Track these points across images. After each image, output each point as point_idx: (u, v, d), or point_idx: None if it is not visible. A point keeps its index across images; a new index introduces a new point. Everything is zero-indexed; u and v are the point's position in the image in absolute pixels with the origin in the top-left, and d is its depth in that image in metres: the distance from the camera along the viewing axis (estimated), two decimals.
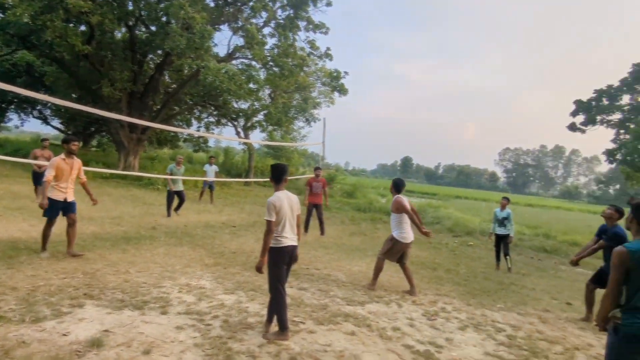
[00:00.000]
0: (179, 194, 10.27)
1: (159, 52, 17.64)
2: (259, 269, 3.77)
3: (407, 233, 5.65)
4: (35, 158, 9.15)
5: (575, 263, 5.56)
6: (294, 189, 20.65)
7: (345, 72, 19.97)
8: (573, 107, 15.54)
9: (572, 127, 15.69)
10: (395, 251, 5.68)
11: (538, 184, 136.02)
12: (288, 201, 3.80)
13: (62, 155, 5.68)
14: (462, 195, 45.35)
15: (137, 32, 17.42)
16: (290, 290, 5.26)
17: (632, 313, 2.49)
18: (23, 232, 6.67)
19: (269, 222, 3.65)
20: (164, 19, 15.56)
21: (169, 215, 9.94)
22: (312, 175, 9.89)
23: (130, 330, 3.61)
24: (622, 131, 14.84)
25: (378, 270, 5.75)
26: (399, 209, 5.62)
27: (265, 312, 4.02)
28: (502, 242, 8.13)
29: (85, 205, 10.16)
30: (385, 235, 10.93)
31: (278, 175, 3.86)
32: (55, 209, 5.56)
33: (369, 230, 11.69)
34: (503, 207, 8.18)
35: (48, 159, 9.93)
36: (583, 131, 15.57)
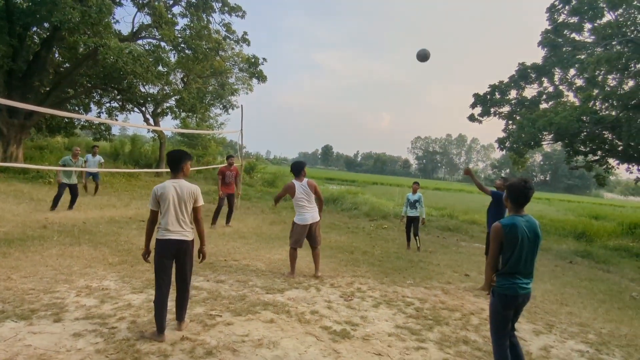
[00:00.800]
0: (72, 188, 9.40)
1: (46, 25, 15.35)
2: (143, 257, 3.61)
3: (302, 215, 5.75)
4: None
5: (467, 172, 6.39)
6: (211, 178, 19.82)
7: (264, 59, 19.54)
8: (472, 99, 17.19)
9: (472, 118, 17.37)
10: (297, 236, 5.75)
11: (445, 169, 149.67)
12: (177, 190, 3.48)
13: None
14: (378, 181, 47.97)
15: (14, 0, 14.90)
16: (207, 283, 5.03)
17: (504, 277, 2.96)
18: None
19: (150, 211, 3.49)
20: None
21: (52, 208, 9.01)
22: (225, 164, 9.52)
23: (13, 344, 3.12)
24: (510, 122, 16.86)
25: (292, 259, 5.81)
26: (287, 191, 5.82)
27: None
28: (412, 224, 8.71)
29: None
30: None
31: (174, 164, 3.55)
32: None
33: (289, 219, 11.63)
34: (414, 191, 8.75)
35: None
36: (480, 122, 17.35)
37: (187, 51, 16.48)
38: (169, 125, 27.77)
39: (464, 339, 4.02)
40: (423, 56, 7.02)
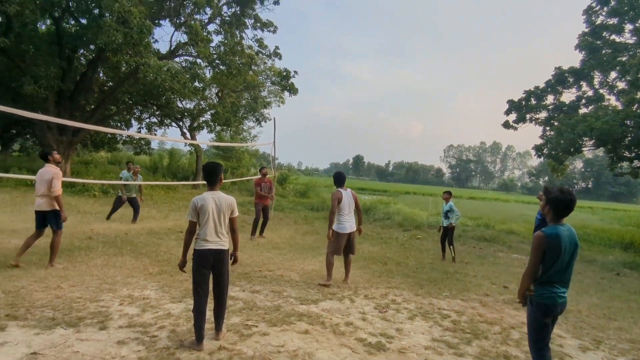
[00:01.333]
0: (132, 202, 10.03)
1: (92, 47, 16.40)
2: (180, 267, 3.71)
3: (342, 224, 5.84)
4: None
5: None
6: (245, 190, 20.25)
7: (295, 72, 19.87)
8: (507, 106, 16.70)
9: (506, 125, 16.85)
10: (338, 244, 5.83)
11: (479, 178, 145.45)
12: (216, 202, 3.57)
13: None
14: (410, 191, 47.27)
15: (65, 24, 16.05)
16: (243, 293, 5.10)
17: (543, 286, 2.92)
18: None
19: (189, 222, 3.57)
20: (96, 11, 14.48)
21: (108, 217, 9.82)
22: (259, 176, 9.74)
23: (63, 350, 3.28)
24: (547, 128, 16.21)
25: (329, 265, 5.86)
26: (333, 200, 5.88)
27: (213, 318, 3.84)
28: (447, 234, 8.52)
29: (7, 216, 9.25)
30: None
31: (212, 176, 3.65)
32: None
33: (323, 229, 11.70)
34: (446, 201, 8.61)
35: None
36: (515, 128, 16.79)
37: (221, 67, 17.06)
38: (204, 139, 28.73)
39: (505, 354, 3.85)
40: None
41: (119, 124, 20.67)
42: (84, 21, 15.60)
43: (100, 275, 5.40)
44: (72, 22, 16.36)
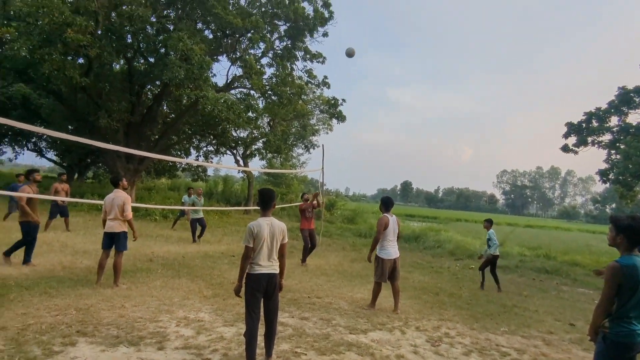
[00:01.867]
0: (200, 221, 11.48)
1: (157, 83, 17.92)
2: (235, 292, 3.78)
3: (386, 249, 5.93)
4: (57, 192, 10.29)
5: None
6: (294, 215, 20.56)
7: (343, 100, 20.32)
8: (565, 129, 15.77)
9: (565, 149, 15.87)
10: (383, 270, 5.87)
11: (536, 205, 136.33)
12: (269, 228, 3.68)
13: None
14: (462, 218, 45.31)
15: (135, 63, 17.75)
16: (292, 320, 5.13)
17: (619, 322, 2.67)
18: (15, 269, 6.53)
19: (245, 247, 3.65)
20: (162, 50, 15.88)
21: (194, 240, 11.29)
22: (301, 202, 9.91)
23: None
24: (613, 151, 15.03)
25: (375, 293, 5.98)
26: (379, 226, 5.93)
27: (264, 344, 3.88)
28: (489, 263, 8.27)
29: (80, 238, 10.08)
30: None
31: (267, 202, 3.78)
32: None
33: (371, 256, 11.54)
34: (487, 229, 8.41)
35: (67, 193, 10.60)
36: (576, 152, 15.75)
37: (273, 97, 17.86)
38: (256, 166, 29.80)
39: None
40: (349, 54, 8.87)
41: (179, 153, 22.14)
42: (151, 60, 17.16)
43: (159, 296, 5.69)
44: (142, 61, 18.06)
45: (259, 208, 3.85)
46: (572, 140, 15.70)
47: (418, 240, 14.76)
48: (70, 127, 21.84)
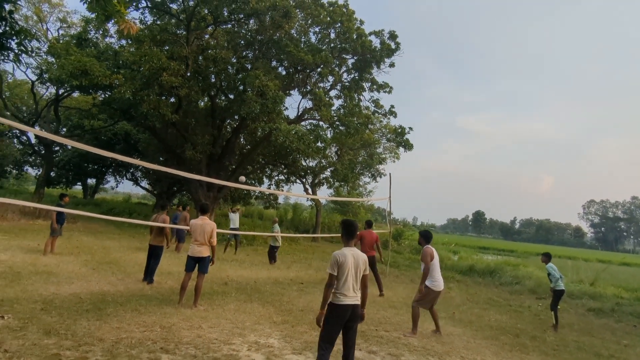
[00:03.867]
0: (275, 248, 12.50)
1: (236, 117, 19.42)
2: (318, 322, 3.76)
3: (438, 281, 6.13)
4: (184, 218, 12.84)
5: None
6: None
7: (410, 128, 20.12)
8: None
9: None
10: (428, 299, 6.12)
11: (633, 239, 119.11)
12: (353, 259, 3.72)
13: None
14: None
15: (217, 100, 19.49)
16: (359, 353, 5.04)
17: None
18: (112, 286, 7.29)
19: (330, 276, 3.68)
20: (241, 87, 17.29)
21: (271, 262, 12.26)
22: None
23: None
24: None
25: (416, 317, 6.12)
26: (425, 258, 6.20)
27: None
28: (556, 298, 7.78)
29: (165, 260, 10.99)
30: (459, 296, 10.21)
31: (350, 232, 3.85)
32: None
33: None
34: (545, 264, 8.06)
35: (186, 220, 12.54)
36: None
37: (341, 127, 18.30)
38: (324, 194, 30.36)
39: None
40: None
41: (253, 182, 23.47)
42: (231, 96, 18.74)
43: (233, 319, 5.96)
44: (223, 97, 19.79)
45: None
46: None
47: (493, 275, 13.69)
48: (161, 158, 24.41)
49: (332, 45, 18.55)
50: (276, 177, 23.73)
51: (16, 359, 3.76)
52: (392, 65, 19.09)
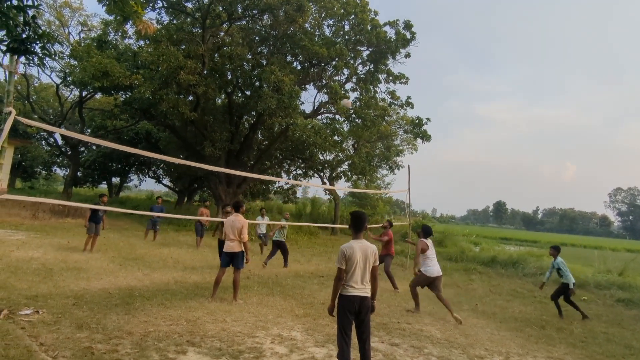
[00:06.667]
0: (282, 245, 10.99)
1: (253, 113, 19.57)
2: (329, 311, 3.87)
3: (431, 268, 6.95)
4: (201, 214, 12.62)
5: None
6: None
7: (427, 119, 19.85)
8: None
9: None
10: (421, 281, 7.03)
11: None
12: (362, 251, 3.73)
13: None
14: (568, 242, 39.99)
15: (234, 97, 19.67)
16: (382, 345, 5.06)
17: None
18: (138, 281, 7.50)
19: (338, 269, 3.73)
20: (257, 83, 17.40)
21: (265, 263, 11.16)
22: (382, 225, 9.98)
23: None
24: None
25: (415, 296, 7.04)
26: (422, 249, 7.17)
27: None
28: (561, 291, 7.77)
29: (189, 255, 11.22)
30: (482, 288, 10.08)
31: (358, 224, 3.84)
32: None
33: (463, 282, 10.86)
34: (554, 257, 7.95)
35: (207, 215, 12.47)
36: None
37: (357, 120, 18.22)
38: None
39: None
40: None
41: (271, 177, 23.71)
42: (248, 93, 18.88)
43: (256, 312, 6.07)
44: (240, 94, 19.96)
45: (347, 228, 3.95)
46: None
47: (516, 266, 13.40)
48: (181, 156, 24.84)
49: (346, 37, 18.42)
50: (294, 172, 23.87)
51: (51, 352, 3.94)
52: (407, 55, 18.82)
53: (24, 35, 4.37)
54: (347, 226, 4.08)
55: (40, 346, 4.03)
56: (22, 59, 4.65)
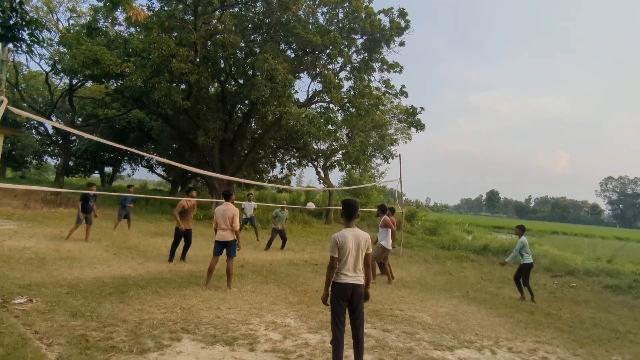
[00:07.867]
0: (282, 233, 11.88)
1: (246, 102, 19.42)
2: (323, 300, 3.92)
3: (389, 241, 8.34)
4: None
5: None
6: (374, 226, 20.46)
7: (422, 108, 19.87)
8: None
9: None
10: (383, 256, 8.17)
11: None
12: (354, 239, 3.76)
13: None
14: (559, 230, 40.60)
15: (227, 86, 19.48)
16: (374, 331, 5.15)
17: None
18: (132, 270, 7.52)
19: (331, 258, 3.76)
20: (250, 72, 17.23)
21: (266, 249, 11.66)
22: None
23: None
24: None
25: (374, 268, 7.98)
26: (386, 224, 8.40)
27: (350, 353, 3.97)
28: (521, 272, 7.93)
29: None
30: (473, 275, 10.25)
31: (350, 212, 3.87)
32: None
33: (455, 270, 11.02)
34: (518, 236, 8.07)
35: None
36: None
37: (351, 109, 18.18)
38: (336, 177, 30.41)
39: None
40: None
41: (265, 166, 23.63)
42: (241, 81, 18.70)
43: (250, 300, 6.13)
44: (233, 83, 19.77)
45: (340, 217, 3.96)
46: None
47: (507, 254, 13.56)
48: (174, 145, 24.67)
49: (340, 25, 18.24)
50: (288, 161, 23.85)
51: (46, 339, 3.96)
52: (402, 44, 18.73)
53: (11, 22, 4.28)
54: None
55: (35, 334, 4.05)
56: (10, 45, 4.57)
